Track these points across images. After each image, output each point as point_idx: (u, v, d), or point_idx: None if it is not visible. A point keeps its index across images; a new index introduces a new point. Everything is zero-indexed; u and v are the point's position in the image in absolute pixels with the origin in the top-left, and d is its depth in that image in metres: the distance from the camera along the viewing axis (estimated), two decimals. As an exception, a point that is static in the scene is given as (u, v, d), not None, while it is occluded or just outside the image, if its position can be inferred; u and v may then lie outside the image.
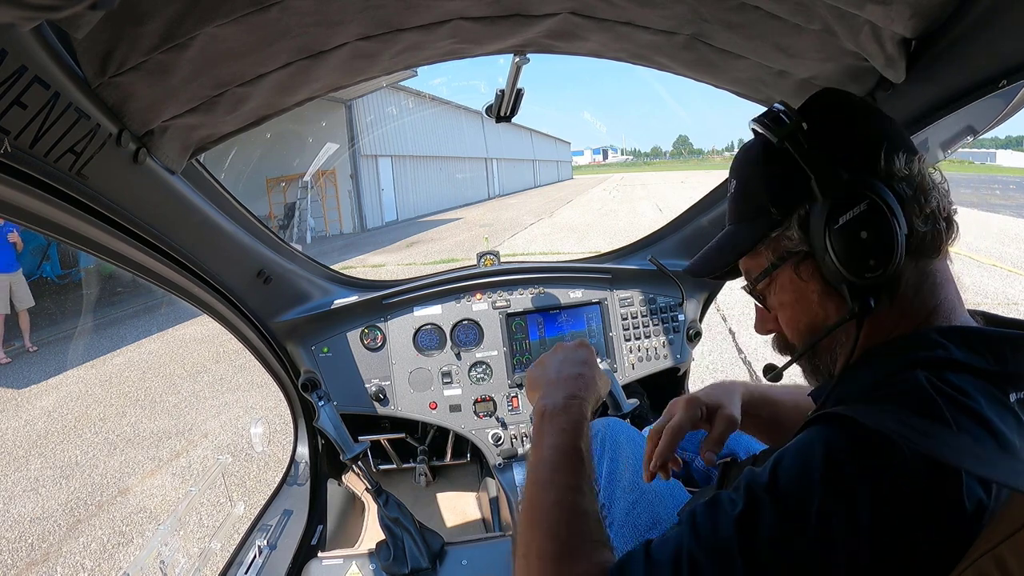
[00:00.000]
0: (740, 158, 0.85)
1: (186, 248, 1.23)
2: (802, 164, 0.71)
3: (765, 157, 0.78)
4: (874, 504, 0.55)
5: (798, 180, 0.72)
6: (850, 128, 0.75)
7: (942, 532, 0.55)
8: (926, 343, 0.67)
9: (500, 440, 1.97)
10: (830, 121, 0.75)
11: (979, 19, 0.81)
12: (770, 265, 0.78)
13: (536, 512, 0.74)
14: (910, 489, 0.55)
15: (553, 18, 0.99)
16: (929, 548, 0.56)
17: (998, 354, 0.65)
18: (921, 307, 0.71)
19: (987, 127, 1.16)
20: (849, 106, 0.77)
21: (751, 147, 0.82)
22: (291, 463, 2.02)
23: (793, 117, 0.74)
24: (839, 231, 0.69)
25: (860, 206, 0.68)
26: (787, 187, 0.75)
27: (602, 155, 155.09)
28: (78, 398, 5.45)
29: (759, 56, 1.08)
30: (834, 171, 0.71)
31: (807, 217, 0.73)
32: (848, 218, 0.69)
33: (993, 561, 0.50)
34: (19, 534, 3.37)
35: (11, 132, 0.70)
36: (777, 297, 0.81)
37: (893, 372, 0.67)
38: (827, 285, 0.74)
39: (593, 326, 2.06)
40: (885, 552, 0.55)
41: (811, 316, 0.78)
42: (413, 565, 1.56)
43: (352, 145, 17.59)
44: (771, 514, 0.58)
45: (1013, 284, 7.32)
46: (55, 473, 4.05)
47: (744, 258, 0.82)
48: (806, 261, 0.75)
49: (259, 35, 0.84)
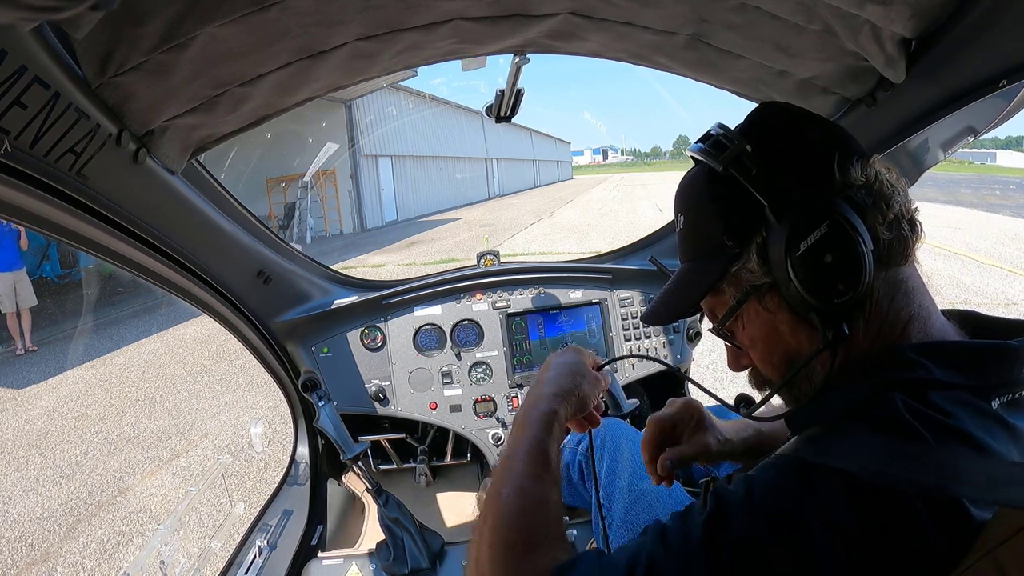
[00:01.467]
0: (684, 191, 0.80)
1: (186, 248, 1.23)
2: (751, 190, 0.68)
3: (711, 187, 0.73)
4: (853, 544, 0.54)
5: (750, 207, 0.68)
6: (797, 142, 0.71)
7: (925, 553, 0.54)
8: (903, 363, 0.64)
9: (500, 440, 1.96)
10: (774, 138, 0.71)
11: (979, 19, 0.81)
12: (735, 303, 0.74)
13: (494, 501, 0.71)
14: (881, 525, 0.54)
15: (553, 18, 0.99)
16: (917, 565, 0.54)
17: (978, 368, 0.63)
18: (896, 319, 0.68)
19: (987, 127, 1.16)
20: (791, 117, 0.74)
21: (695, 177, 0.77)
22: (291, 463, 2.02)
23: (735, 140, 0.70)
24: (801, 258, 0.65)
25: (820, 228, 0.64)
26: (739, 217, 0.70)
27: (602, 155, 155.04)
28: (78, 398, 5.45)
29: (759, 56, 1.08)
30: (786, 193, 0.67)
31: (764, 246, 0.68)
32: (809, 243, 0.64)
33: (992, 564, 0.50)
34: (19, 534, 3.37)
35: (11, 132, 0.70)
36: (746, 333, 0.76)
37: (868, 395, 0.64)
38: (795, 314, 0.70)
39: (593, 326, 2.06)
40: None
41: (783, 348, 0.73)
42: (413, 565, 1.56)
43: (352, 145, 17.59)
44: (740, 520, 0.58)
45: (1013, 284, 7.32)
46: (55, 473, 4.05)
47: (706, 298, 0.77)
48: (771, 292, 0.70)
49: (259, 35, 0.84)
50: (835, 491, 0.56)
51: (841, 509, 0.55)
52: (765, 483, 0.60)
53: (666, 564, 0.58)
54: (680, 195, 0.81)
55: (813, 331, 0.69)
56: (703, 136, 0.76)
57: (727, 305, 0.75)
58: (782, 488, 0.59)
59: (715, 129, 0.74)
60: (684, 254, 0.82)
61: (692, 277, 0.79)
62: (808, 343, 0.71)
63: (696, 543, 0.58)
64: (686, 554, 0.58)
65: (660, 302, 0.84)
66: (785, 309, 0.70)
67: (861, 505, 0.55)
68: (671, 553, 0.59)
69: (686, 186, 0.80)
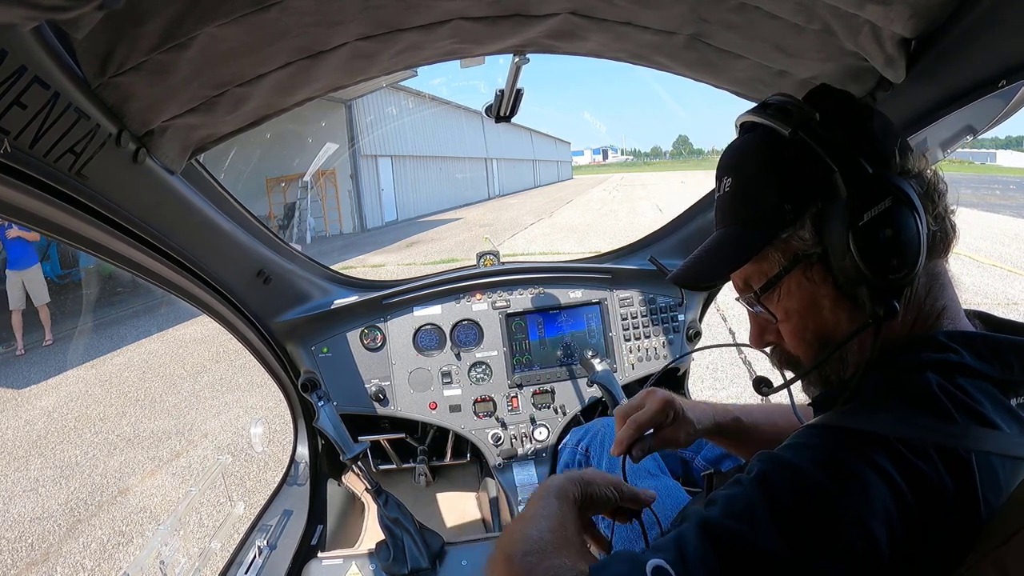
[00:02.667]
0: (737, 153, 0.78)
1: (186, 248, 1.23)
2: (824, 157, 0.66)
3: (771, 151, 0.71)
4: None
5: (813, 174, 0.67)
6: (862, 121, 0.70)
7: (945, 529, 0.56)
8: (935, 346, 0.66)
9: (500, 440, 1.97)
10: (841, 112, 0.70)
11: (979, 19, 0.80)
12: (781, 269, 0.71)
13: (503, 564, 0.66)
14: (918, 488, 0.56)
15: (553, 18, 0.99)
16: (934, 542, 0.56)
17: (1004, 361, 0.65)
18: (931, 309, 0.70)
19: (987, 127, 1.16)
20: (853, 101, 0.74)
21: (749, 141, 0.76)
22: (291, 463, 2.02)
23: (801, 107, 0.70)
24: (862, 229, 0.64)
25: (884, 202, 0.64)
26: (800, 182, 0.69)
27: (602, 155, 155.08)
28: (78, 398, 5.45)
29: (759, 56, 1.08)
30: (854, 163, 0.66)
31: (820, 214, 0.67)
32: (872, 215, 0.64)
33: (993, 564, 0.50)
34: (19, 534, 3.37)
35: (11, 132, 0.70)
36: (782, 304, 0.74)
37: (901, 374, 0.66)
38: (839, 289, 0.69)
39: (593, 326, 2.06)
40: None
41: (819, 323, 0.72)
42: (413, 565, 1.55)
43: (352, 145, 17.58)
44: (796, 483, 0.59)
45: (1013, 284, 7.32)
46: (55, 473, 4.05)
47: (744, 265, 0.75)
48: (819, 263, 0.69)
49: (259, 35, 0.84)
50: (877, 451, 0.58)
51: (888, 467, 0.57)
52: (809, 446, 0.62)
53: (735, 530, 0.57)
54: (730, 157, 0.78)
55: (855, 309, 0.69)
56: (759, 105, 0.75)
57: (765, 274, 0.73)
58: (828, 448, 0.61)
59: (774, 98, 0.73)
60: (727, 218, 0.78)
61: (739, 239, 0.75)
62: (847, 321, 0.70)
63: (752, 496, 0.59)
64: (747, 511, 0.58)
65: (699, 262, 0.79)
66: (830, 283, 0.69)
67: (902, 464, 0.57)
68: (732, 522, 0.58)
69: (738, 148, 0.78)
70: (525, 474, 1.91)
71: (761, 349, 0.82)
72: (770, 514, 0.57)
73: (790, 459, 0.61)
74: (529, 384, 2.01)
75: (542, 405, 2.00)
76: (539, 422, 1.99)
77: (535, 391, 2.01)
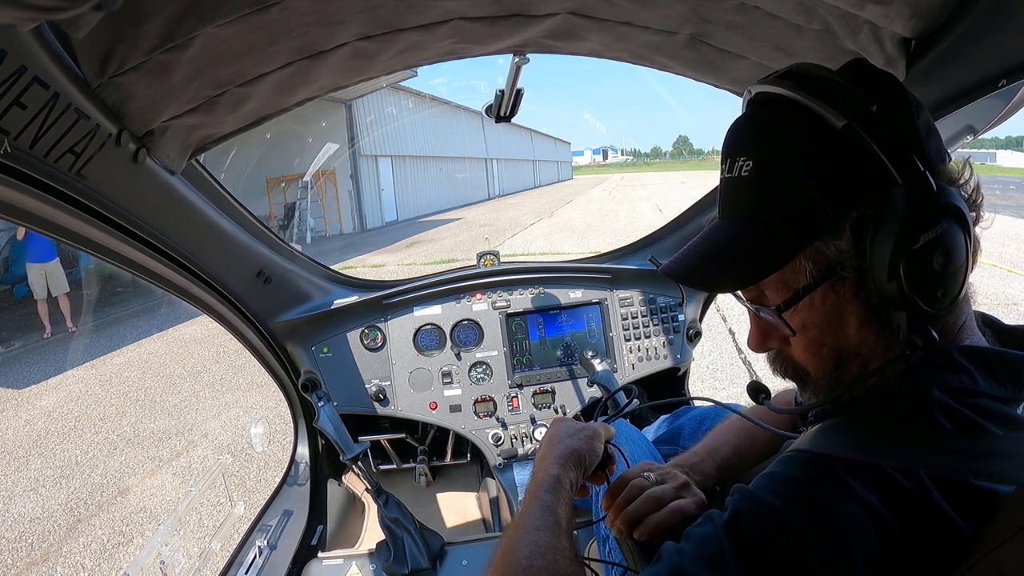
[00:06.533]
0: (762, 131, 0.64)
1: (186, 248, 1.23)
2: (887, 164, 0.56)
3: (815, 140, 0.59)
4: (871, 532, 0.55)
5: (863, 178, 0.57)
6: (915, 117, 0.59)
7: (934, 540, 0.55)
8: (948, 364, 0.60)
9: (500, 440, 1.97)
10: (900, 105, 0.59)
11: (979, 19, 0.81)
12: (811, 281, 0.61)
13: (505, 558, 0.70)
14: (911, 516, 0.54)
15: (553, 18, 0.99)
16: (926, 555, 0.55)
17: (1016, 379, 0.61)
18: (953, 325, 0.64)
19: (987, 127, 1.16)
20: (902, 88, 0.61)
21: (783, 121, 0.61)
22: (291, 463, 2.02)
23: (856, 93, 0.57)
24: (916, 253, 0.55)
25: (943, 224, 0.56)
26: (850, 184, 0.58)
27: (602, 155, 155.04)
28: (78, 398, 5.45)
29: (759, 56, 1.08)
30: (921, 174, 0.56)
31: (861, 224, 0.58)
32: (929, 238, 0.55)
33: (992, 564, 0.50)
34: (19, 534, 3.37)
35: (11, 132, 0.70)
36: (799, 315, 0.64)
37: (912, 393, 0.60)
38: (871, 307, 0.60)
39: (593, 326, 2.06)
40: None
41: (840, 340, 0.63)
42: (413, 565, 1.56)
43: (352, 145, 17.58)
44: (768, 519, 0.58)
45: (1013, 284, 7.32)
46: (55, 473, 4.05)
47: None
48: (851, 278, 0.60)
49: (259, 35, 0.84)
50: (860, 477, 0.56)
51: (868, 496, 0.55)
52: (788, 478, 0.60)
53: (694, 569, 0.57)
54: (750, 134, 0.65)
55: (882, 330, 0.61)
56: (785, 74, 0.62)
57: (788, 283, 0.63)
58: (807, 480, 0.59)
59: (804, 68, 0.61)
60: (741, 207, 0.66)
61: (757, 240, 0.64)
62: (874, 343, 0.62)
63: (722, 541, 0.58)
64: (717, 558, 0.57)
65: (704, 261, 0.67)
66: (862, 300, 0.61)
67: (883, 487, 0.55)
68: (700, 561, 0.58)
69: (763, 125, 0.64)
70: (525, 474, 1.91)
71: (760, 352, 0.74)
72: (738, 561, 0.56)
73: (762, 498, 0.59)
74: (529, 384, 2.01)
75: (542, 405, 2.01)
76: (539, 422, 1.99)
77: (535, 391, 2.01)
